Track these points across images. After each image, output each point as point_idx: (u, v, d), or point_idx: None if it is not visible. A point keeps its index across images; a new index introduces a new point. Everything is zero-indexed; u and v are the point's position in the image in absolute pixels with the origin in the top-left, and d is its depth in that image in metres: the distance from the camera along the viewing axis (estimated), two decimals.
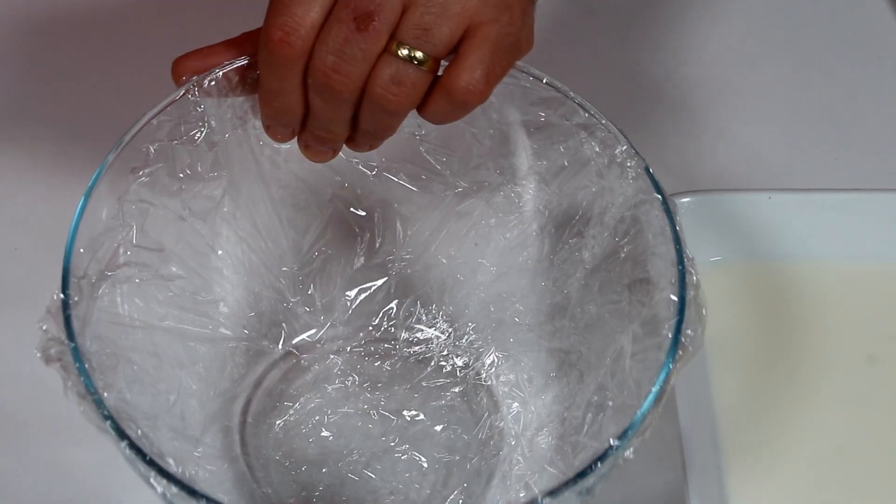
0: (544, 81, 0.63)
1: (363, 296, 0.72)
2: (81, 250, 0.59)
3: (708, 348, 0.69)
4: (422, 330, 0.72)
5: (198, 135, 0.63)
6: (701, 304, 0.57)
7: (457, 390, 0.70)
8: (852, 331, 0.71)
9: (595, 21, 0.91)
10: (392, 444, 0.67)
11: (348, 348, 0.71)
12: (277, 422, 0.68)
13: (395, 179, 0.70)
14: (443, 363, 0.71)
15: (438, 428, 0.68)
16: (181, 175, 0.64)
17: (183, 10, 0.89)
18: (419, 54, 0.57)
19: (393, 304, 0.72)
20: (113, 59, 0.86)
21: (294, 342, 0.71)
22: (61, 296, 0.57)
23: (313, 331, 0.72)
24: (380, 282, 0.72)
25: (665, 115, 0.85)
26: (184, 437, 0.62)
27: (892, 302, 0.72)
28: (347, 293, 0.72)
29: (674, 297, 0.56)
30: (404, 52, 0.56)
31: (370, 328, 0.72)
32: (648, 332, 0.59)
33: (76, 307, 0.57)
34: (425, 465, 0.67)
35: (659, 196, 0.60)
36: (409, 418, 0.68)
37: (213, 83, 0.62)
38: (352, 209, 0.71)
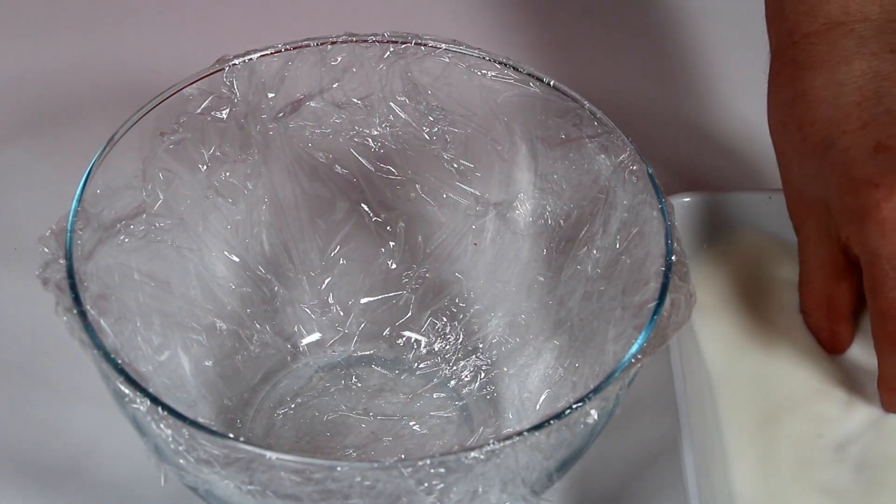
0: (561, 91, 0.64)
1: (378, 305, 0.73)
2: (98, 191, 0.60)
3: (707, 349, 0.68)
4: (431, 345, 0.73)
5: (226, 113, 0.64)
6: (691, 292, 0.57)
7: (458, 404, 0.70)
8: None
9: (594, 20, 0.92)
10: (386, 444, 0.68)
11: (357, 354, 0.72)
12: (277, 413, 0.69)
13: (421, 194, 0.71)
14: (447, 377, 0.71)
15: (434, 439, 0.68)
16: (209, 153, 0.65)
17: None
18: None
19: (406, 317, 0.73)
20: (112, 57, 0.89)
21: (304, 342, 0.72)
22: (69, 219, 0.58)
23: (324, 334, 0.73)
24: (396, 293, 0.73)
25: (665, 115, 0.86)
26: (174, 397, 0.63)
27: None
28: (363, 301, 0.73)
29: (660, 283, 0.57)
30: None
31: (381, 338, 0.73)
32: (630, 316, 0.59)
33: (81, 235, 0.58)
34: None
35: (658, 201, 0.60)
36: (405, 426, 0.69)
37: (247, 60, 0.64)
38: (375, 219, 0.72)
